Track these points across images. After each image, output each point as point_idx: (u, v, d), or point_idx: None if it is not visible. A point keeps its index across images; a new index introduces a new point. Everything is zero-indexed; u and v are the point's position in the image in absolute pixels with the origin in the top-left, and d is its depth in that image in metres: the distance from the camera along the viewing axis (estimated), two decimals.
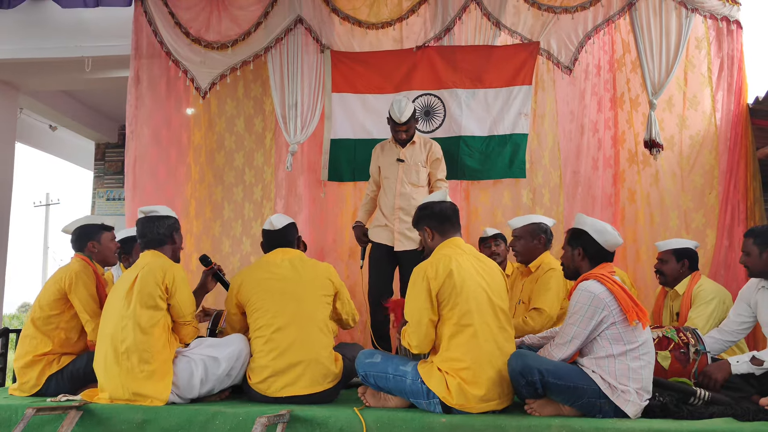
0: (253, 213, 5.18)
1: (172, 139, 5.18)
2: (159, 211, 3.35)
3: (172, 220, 3.37)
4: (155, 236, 3.29)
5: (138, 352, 2.98)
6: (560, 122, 4.95)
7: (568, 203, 4.85)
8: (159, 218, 3.31)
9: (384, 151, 4.46)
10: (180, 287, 3.15)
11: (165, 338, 3.08)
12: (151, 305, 3.06)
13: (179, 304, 3.15)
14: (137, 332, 3.01)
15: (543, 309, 3.62)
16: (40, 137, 8.43)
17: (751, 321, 3.44)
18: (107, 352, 3.04)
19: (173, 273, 3.15)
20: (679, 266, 3.84)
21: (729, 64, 4.82)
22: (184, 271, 3.29)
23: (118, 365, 2.99)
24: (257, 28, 5.05)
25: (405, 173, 4.32)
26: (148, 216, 3.33)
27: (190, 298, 3.22)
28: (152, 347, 3.01)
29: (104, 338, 3.09)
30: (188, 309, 3.20)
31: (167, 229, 3.32)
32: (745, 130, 4.73)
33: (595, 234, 2.89)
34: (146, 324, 3.03)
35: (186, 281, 3.21)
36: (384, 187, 4.41)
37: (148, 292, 3.07)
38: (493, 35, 4.92)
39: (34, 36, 5.74)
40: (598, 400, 2.69)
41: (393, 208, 4.30)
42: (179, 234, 3.41)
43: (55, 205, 24.36)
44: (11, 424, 2.89)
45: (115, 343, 3.02)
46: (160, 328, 3.07)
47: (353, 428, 2.71)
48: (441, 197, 3.16)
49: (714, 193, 4.74)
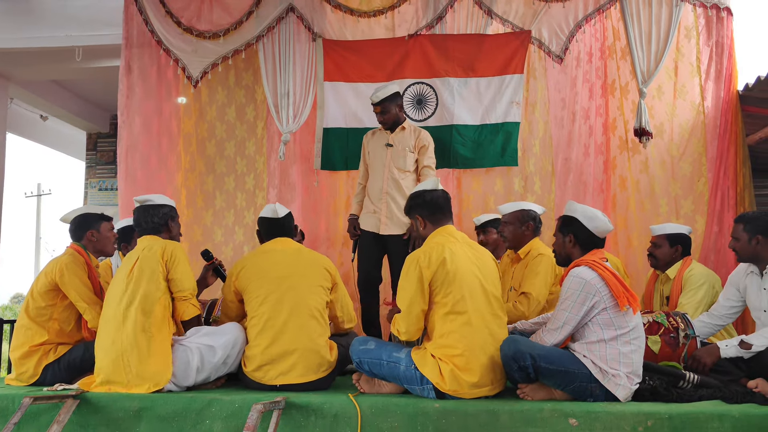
0: (245, 202, 5.18)
1: (164, 129, 5.17)
2: (154, 200, 3.39)
3: (168, 208, 3.41)
4: (150, 225, 3.34)
5: (139, 331, 3.02)
6: (551, 110, 4.97)
7: (560, 190, 4.88)
8: (154, 207, 3.36)
9: (374, 137, 4.50)
10: (179, 261, 3.20)
11: (166, 317, 3.12)
12: (153, 282, 3.12)
13: (179, 277, 3.18)
14: (138, 311, 3.06)
15: (530, 293, 3.65)
16: (31, 127, 8.37)
17: (740, 305, 3.48)
18: (109, 331, 3.08)
19: (172, 248, 3.22)
20: (672, 251, 3.89)
21: (719, 51, 4.84)
22: (183, 248, 3.32)
23: (120, 344, 3.02)
24: (249, 17, 5.04)
25: (393, 158, 4.34)
26: (144, 205, 3.37)
27: (189, 273, 3.25)
28: (152, 326, 3.05)
29: (107, 320, 3.13)
30: (188, 284, 3.22)
31: (162, 218, 3.36)
32: (735, 117, 4.76)
33: (585, 221, 2.92)
34: (148, 302, 3.08)
35: (185, 257, 3.25)
36: (372, 173, 4.43)
37: (149, 268, 3.13)
38: (484, 24, 4.93)
39: (23, 25, 5.70)
40: (589, 384, 2.73)
41: (381, 192, 4.32)
42: (176, 222, 3.46)
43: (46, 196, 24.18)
44: (8, 413, 2.90)
45: (117, 321, 3.06)
46: (161, 307, 3.11)
47: (348, 414, 2.74)
48: (433, 185, 3.17)
49: (703, 180, 4.78)
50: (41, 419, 2.89)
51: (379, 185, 4.34)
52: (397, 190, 4.29)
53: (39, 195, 23.92)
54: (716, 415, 2.55)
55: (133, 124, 5.12)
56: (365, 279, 4.35)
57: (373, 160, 4.43)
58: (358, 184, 4.57)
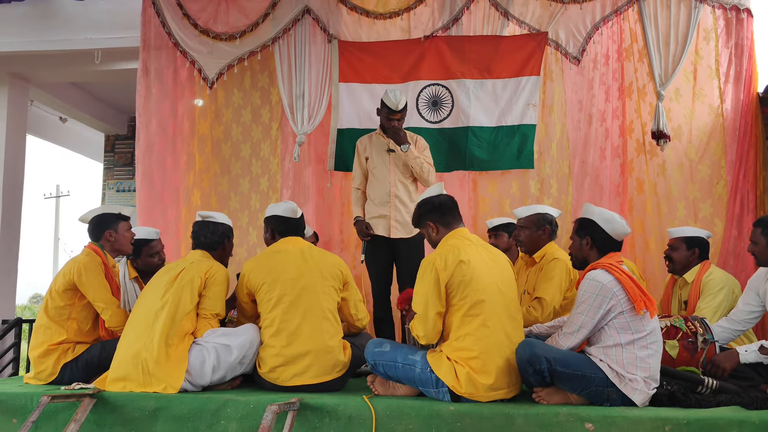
0: (259, 204, 5.20)
1: (180, 130, 5.21)
2: (216, 218, 3.54)
3: (226, 228, 3.54)
4: (209, 240, 3.46)
5: (164, 335, 3.06)
6: (568, 112, 4.94)
7: (577, 193, 4.85)
8: (215, 224, 3.50)
9: (372, 142, 4.43)
10: (216, 283, 3.28)
11: (190, 329, 3.18)
12: (189, 295, 3.19)
13: (211, 296, 3.25)
14: (168, 318, 3.11)
15: (544, 299, 3.62)
16: (50, 129, 8.47)
17: (759, 310, 3.43)
18: (137, 329, 3.13)
19: (216, 269, 3.33)
20: (689, 254, 3.84)
21: (738, 53, 4.79)
22: (229, 276, 3.40)
23: (143, 343, 3.06)
24: (265, 18, 5.08)
25: (396, 163, 4.32)
26: (205, 220, 3.51)
27: (221, 298, 3.31)
28: (176, 335, 3.10)
29: (138, 317, 3.19)
30: (214, 306, 3.27)
31: (220, 236, 3.50)
32: (755, 120, 4.71)
33: (602, 223, 2.89)
34: (179, 312, 3.14)
35: (225, 283, 3.33)
36: (374, 178, 4.38)
37: (189, 280, 3.22)
38: (501, 25, 4.91)
39: (43, 29, 5.78)
40: (605, 388, 2.70)
41: (389, 196, 4.30)
42: (231, 242, 3.59)
43: (65, 197, 24.45)
44: (27, 411, 2.93)
45: (147, 322, 3.11)
46: (188, 320, 3.17)
47: (363, 416, 2.73)
48: (437, 191, 3.15)
49: (721, 183, 4.73)
50: (59, 418, 2.92)
51: (385, 189, 4.31)
52: (406, 194, 4.30)
53: (58, 196, 24.19)
54: (736, 422, 2.50)
55: (151, 125, 5.17)
56: (377, 282, 4.34)
57: (375, 165, 4.37)
58: (356, 190, 4.48)
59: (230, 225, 3.60)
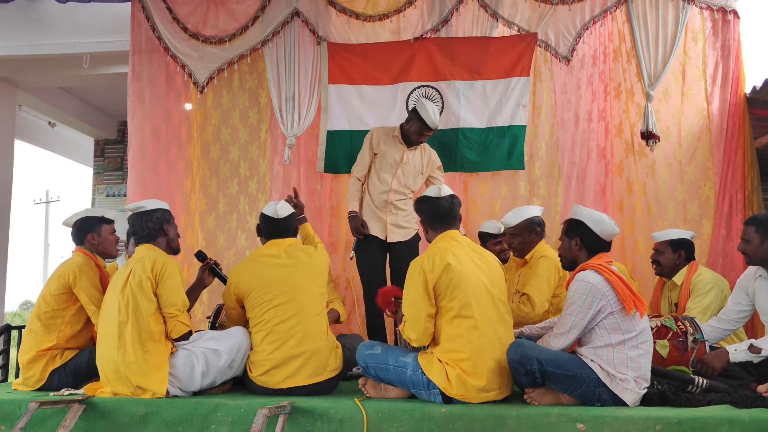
0: (248, 206, 5.16)
1: (172, 134, 5.18)
2: (146, 206, 3.32)
3: (160, 213, 3.32)
4: (147, 231, 3.27)
5: (136, 345, 2.99)
6: (558, 113, 4.94)
7: (566, 194, 4.85)
8: (147, 213, 3.29)
9: (387, 142, 4.39)
10: (168, 276, 3.10)
11: (161, 329, 3.08)
12: (144, 296, 3.06)
13: (165, 293, 3.10)
14: (133, 325, 3.02)
15: (531, 295, 3.67)
16: (39, 134, 8.41)
17: (749, 309, 3.45)
18: (108, 346, 3.06)
19: (162, 262, 3.13)
20: (675, 257, 3.86)
21: (725, 54, 4.80)
22: (178, 264, 3.26)
23: (118, 358, 3.01)
24: (254, 22, 5.06)
25: (404, 174, 4.34)
26: (137, 213, 3.31)
27: (177, 290, 3.14)
28: (147, 340, 3.02)
29: (105, 334, 3.11)
30: (174, 300, 3.10)
31: (156, 223, 3.28)
32: (742, 120, 4.72)
33: (591, 224, 2.90)
34: (141, 315, 3.04)
35: (175, 273, 3.15)
36: (377, 177, 4.37)
37: (138, 284, 3.07)
38: (490, 27, 4.91)
39: (31, 32, 5.73)
40: (596, 388, 2.71)
41: (386, 202, 4.32)
42: (172, 225, 3.37)
43: (55, 203, 24.35)
44: (15, 418, 2.91)
45: (113, 336, 3.04)
46: (154, 320, 3.07)
47: (354, 419, 2.73)
48: (435, 193, 3.13)
49: (708, 185, 4.75)
50: (47, 424, 2.90)
51: (384, 195, 4.32)
52: (403, 203, 4.34)
53: (47, 202, 24.08)
54: (726, 420, 2.52)
55: (142, 129, 5.14)
56: (370, 284, 4.30)
57: (381, 166, 4.36)
58: (356, 180, 4.43)
59: (165, 208, 3.36)
